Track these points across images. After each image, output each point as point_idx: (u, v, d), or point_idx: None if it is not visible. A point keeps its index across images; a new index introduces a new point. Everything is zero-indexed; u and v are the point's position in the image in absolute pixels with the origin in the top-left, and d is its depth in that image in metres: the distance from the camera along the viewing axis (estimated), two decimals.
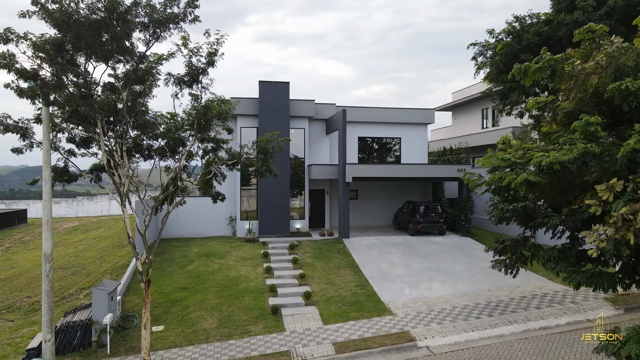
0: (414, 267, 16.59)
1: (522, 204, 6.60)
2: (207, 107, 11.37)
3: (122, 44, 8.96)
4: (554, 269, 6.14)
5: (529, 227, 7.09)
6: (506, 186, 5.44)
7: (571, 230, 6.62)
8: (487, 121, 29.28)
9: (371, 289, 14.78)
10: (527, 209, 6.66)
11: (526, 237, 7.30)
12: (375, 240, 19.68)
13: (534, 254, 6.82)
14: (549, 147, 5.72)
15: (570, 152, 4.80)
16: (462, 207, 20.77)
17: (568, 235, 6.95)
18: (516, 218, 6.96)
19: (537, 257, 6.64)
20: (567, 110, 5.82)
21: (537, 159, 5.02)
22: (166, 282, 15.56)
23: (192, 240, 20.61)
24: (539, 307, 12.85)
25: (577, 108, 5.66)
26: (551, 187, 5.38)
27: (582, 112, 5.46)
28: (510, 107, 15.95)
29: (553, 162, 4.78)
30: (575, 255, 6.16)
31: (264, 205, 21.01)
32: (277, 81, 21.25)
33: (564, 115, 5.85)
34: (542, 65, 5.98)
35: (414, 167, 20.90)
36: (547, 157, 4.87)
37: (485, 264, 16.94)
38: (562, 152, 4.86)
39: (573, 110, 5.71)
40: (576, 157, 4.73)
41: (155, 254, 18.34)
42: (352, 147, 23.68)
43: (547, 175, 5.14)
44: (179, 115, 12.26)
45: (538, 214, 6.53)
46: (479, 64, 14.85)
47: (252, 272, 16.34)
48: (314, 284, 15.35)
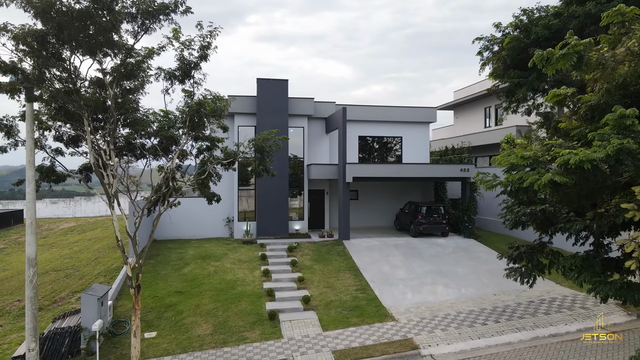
0: (417, 270, 16.07)
1: (541, 207, 5.99)
2: (201, 104, 10.85)
3: (108, 36, 8.43)
4: (577, 278, 5.58)
5: (546, 232, 6.50)
6: (525, 188, 4.88)
7: (596, 236, 6.05)
8: (489, 120, 28.75)
9: (372, 293, 14.26)
10: (546, 213, 6.06)
11: (543, 243, 6.73)
12: (376, 242, 19.16)
13: (552, 262, 6.26)
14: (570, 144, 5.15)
15: (602, 149, 4.25)
16: (466, 208, 20.24)
17: (591, 241, 6.37)
18: (534, 223, 6.37)
19: (556, 265, 6.08)
20: (592, 104, 5.26)
21: (564, 157, 4.46)
22: (160, 285, 15.05)
23: (188, 242, 20.09)
24: (547, 312, 12.32)
25: (603, 101, 5.10)
26: (577, 188, 4.82)
27: (609, 105, 4.91)
28: (516, 105, 15.42)
29: (583, 161, 4.23)
30: (600, 263, 5.58)
31: (262, 206, 20.49)
32: (275, 79, 20.73)
33: (588, 109, 5.29)
34: (567, 52, 5.35)
35: (416, 166, 20.37)
36: (576, 155, 4.31)
37: (490, 267, 16.44)
38: (593, 149, 4.32)
39: (598, 103, 5.15)
40: (610, 154, 4.18)
41: (149, 257, 17.83)
42: (352, 147, 23.15)
43: (573, 175, 4.59)
44: (172, 113, 11.75)
45: (559, 218, 5.94)
46: (485, 59, 14.31)
47: (249, 275, 15.82)
48: (313, 288, 14.84)
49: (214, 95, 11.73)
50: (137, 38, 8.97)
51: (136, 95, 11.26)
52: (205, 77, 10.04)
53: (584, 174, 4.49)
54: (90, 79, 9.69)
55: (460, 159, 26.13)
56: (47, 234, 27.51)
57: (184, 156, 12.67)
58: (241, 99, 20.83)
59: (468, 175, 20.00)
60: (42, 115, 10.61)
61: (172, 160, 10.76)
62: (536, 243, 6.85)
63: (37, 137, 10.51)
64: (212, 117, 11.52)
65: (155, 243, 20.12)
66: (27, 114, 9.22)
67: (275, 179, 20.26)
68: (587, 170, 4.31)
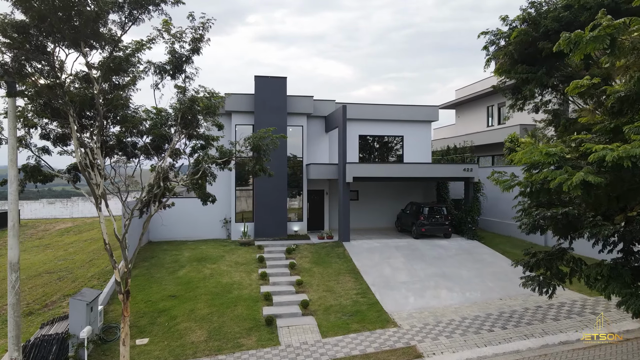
0: (419, 272, 15.56)
1: (563, 210, 5.42)
2: (194, 100, 10.35)
3: (93, 27, 7.92)
4: (604, 290, 5.03)
5: (566, 237, 5.94)
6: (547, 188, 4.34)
7: (627, 242, 5.49)
8: (492, 119, 28.26)
9: (373, 297, 13.75)
10: (569, 217, 5.48)
11: (563, 249, 6.17)
12: (377, 244, 18.65)
13: (574, 270, 5.71)
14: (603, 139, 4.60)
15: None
16: (469, 209, 19.72)
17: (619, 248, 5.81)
18: (554, 227, 5.80)
19: (578, 274, 5.53)
20: (621, 95, 4.72)
21: (598, 153, 3.90)
22: (154, 289, 14.54)
23: (184, 244, 19.59)
24: (556, 318, 11.81)
25: (633, 91, 4.57)
26: (609, 189, 4.28)
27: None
28: (522, 102, 14.92)
29: (622, 157, 3.69)
30: (630, 273, 5.02)
31: (260, 206, 19.99)
32: (273, 76, 20.23)
33: (616, 101, 4.76)
34: (599, 34, 4.73)
35: (418, 166, 19.87)
36: (613, 151, 3.77)
37: (494, 269, 15.93)
38: (635, 144, 3.78)
39: (628, 94, 4.62)
40: None
41: (144, 259, 17.33)
42: (352, 146, 22.65)
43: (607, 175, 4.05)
44: (164, 110, 11.24)
45: (584, 222, 5.38)
46: (491, 54, 13.78)
47: (246, 279, 15.31)
48: (312, 292, 14.33)
49: (209, 92, 11.24)
50: (124, 29, 8.45)
51: (127, 92, 10.76)
52: (198, 71, 9.53)
53: (621, 173, 3.97)
54: (76, 73, 9.18)
55: (463, 158, 25.64)
56: (42, 234, 27.01)
57: (177, 155, 12.18)
58: (238, 97, 20.33)
59: (471, 175, 19.49)
60: (28, 112, 10.11)
61: (164, 160, 10.24)
62: (555, 249, 6.28)
63: (22, 134, 10.00)
64: (206, 114, 11.02)
65: (150, 245, 19.62)
66: (9, 109, 8.71)
67: (273, 179, 19.75)
68: (626, 169, 3.78)
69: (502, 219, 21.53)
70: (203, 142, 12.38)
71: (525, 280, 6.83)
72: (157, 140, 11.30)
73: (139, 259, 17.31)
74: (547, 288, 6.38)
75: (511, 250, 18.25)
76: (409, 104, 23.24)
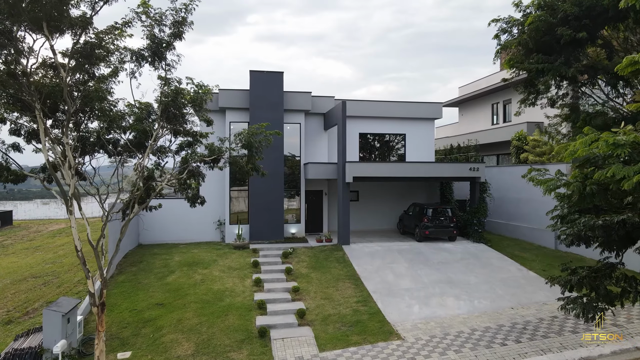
0: (423, 278, 14.60)
1: (620, 218, 4.38)
2: (178, 92, 9.41)
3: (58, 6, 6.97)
4: None
5: (620, 251, 4.95)
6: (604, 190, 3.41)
7: None
8: (497, 117, 27.31)
9: (375, 305, 12.80)
10: (626, 226, 4.45)
11: (611, 265, 5.17)
12: (378, 247, 17.69)
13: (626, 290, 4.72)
14: None
15: None
16: (475, 210, 18.76)
17: None
18: (606, 239, 4.74)
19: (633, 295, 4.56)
20: None
21: None
22: (140, 296, 13.58)
23: (176, 247, 18.63)
24: (574, 330, 10.85)
25: None
26: None
27: None
28: (535, 96, 13.95)
29: None
30: None
31: (256, 207, 19.03)
32: (270, 71, 19.27)
33: None
34: None
35: (421, 165, 18.90)
36: None
37: (503, 275, 14.97)
38: None
39: None
40: None
41: (132, 263, 16.37)
42: (352, 144, 21.69)
43: None
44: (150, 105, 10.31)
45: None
46: (503, 43, 12.79)
47: (239, 285, 14.36)
48: (309, 300, 13.38)
49: (197, 84, 10.31)
50: (95, 9, 7.51)
51: (108, 84, 9.83)
52: (180, 59, 8.57)
53: None
54: (43, 61, 8.23)
55: (467, 157, 24.69)
56: (34, 236, 26.08)
57: (161, 153, 11.25)
58: (232, 93, 19.38)
59: (478, 175, 18.53)
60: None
61: (144, 157, 9.29)
62: (601, 265, 5.28)
63: None
64: (192, 107, 10.07)
65: (140, 248, 18.68)
66: None
67: (269, 179, 18.80)
68: None
69: (509, 220, 20.58)
70: (191, 139, 11.46)
71: (565, 303, 5.80)
72: (139, 137, 10.37)
73: (126, 263, 16.37)
74: (594, 313, 5.32)
75: (520, 253, 17.30)
76: (411, 101, 22.27)
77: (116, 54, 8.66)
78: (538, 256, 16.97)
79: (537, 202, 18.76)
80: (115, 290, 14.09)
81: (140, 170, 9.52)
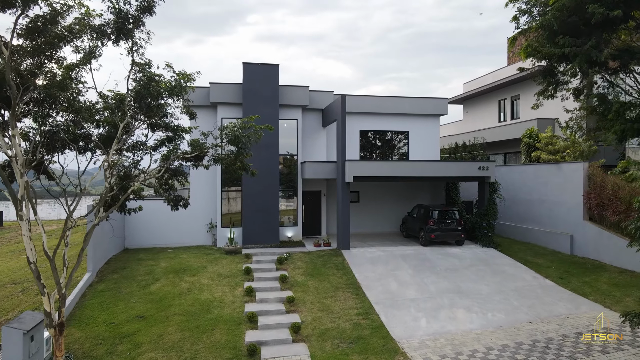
0: (430, 287, 13.37)
1: None
2: (152, 78, 8.18)
3: None
4: None
5: None
6: None
7: None
8: (504, 114, 26.07)
9: (378, 319, 11.57)
10: None
11: None
12: (380, 253, 16.45)
13: None
14: None
15: None
16: (484, 213, 17.50)
17: None
18: None
19: None
20: None
21: None
22: (120, 307, 12.35)
23: (164, 252, 17.40)
24: (604, 350, 9.59)
25: None
26: None
27: None
28: (555, 87, 12.68)
29: None
30: None
31: (249, 209, 17.79)
32: (264, 63, 18.03)
33: None
34: None
35: (427, 164, 17.67)
36: None
37: (518, 284, 13.74)
38: None
39: None
40: None
41: (114, 270, 15.15)
42: (352, 142, 20.47)
43: None
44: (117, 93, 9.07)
45: None
46: (522, 26, 11.50)
47: (229, 295, 13.13)
48: (305, 311, 12.15)
49: (178, 73, 9.10)
50: None
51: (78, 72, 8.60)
52: (150, 36, 7.33)
53: None
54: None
55: (473, 156, 23.45)
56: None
57: (137, 149, 10.02)
58: (224, 87, 18.16)
59: (487, 174, 17.29)
60: None
61: (109, 153, 8.06)
62: None
63: None
64: (169, 97, 8.85)
65: (125, 253, 17.45)
66: None
67: (264, 179, 17.58)
68: None
69: (519, 223, 19.34)
70: (171, 134, 10.23)
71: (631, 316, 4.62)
72: (110, 131, 9.14)
73: (108, 270, 15.15)
74: None
75: (533, 259, 16.05)
76: (414, 96, 21.03)
77: (80, 34, 7.44)
78: (553, 262, 15.73)
79: (551, 204, 17.54)
80: (93, 300, 12.87)
81: (108, 169, 8.28)
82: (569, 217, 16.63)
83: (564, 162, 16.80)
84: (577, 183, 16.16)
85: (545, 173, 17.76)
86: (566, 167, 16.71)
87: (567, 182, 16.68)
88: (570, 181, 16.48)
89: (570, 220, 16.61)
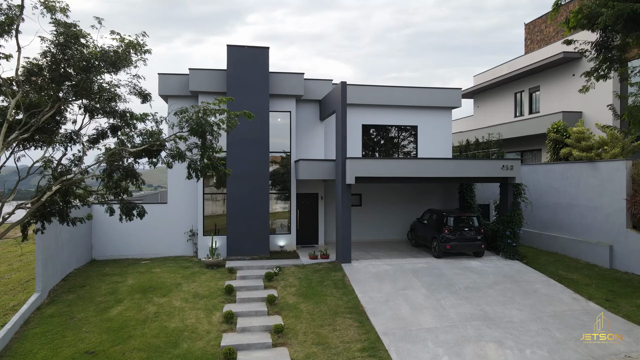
0: (450, 312, 10.97)
1: None
2: (76, 37, 5.79)
3: None
4: None
5: None
6: None
7: None
8: (522, 108, 23.64)
9: (387, 356, 9.16)
10: None
11: None
12: (387, 266, 14.03)
13: None
14: None
15: None
16: (508, 219, 15.06)
17: None
18: None
19: None
20: None
21: None
22: (67, 339, 9.94)
23: (135, 264, 15.00)
24: None
25: None
26: None
27: None
28: (609, 66, 10.33)
29: None
30: None
31: (234, 216, 15.37)
32: (251, 46, 15.63)
33: None
34: None
35: (441, 162, 15.27)
36: None
37: (556, 307, 11.32)
38: None
39: None
40: None
41: (70, 289, 12.74)
42: (354, 139, 18.09)
43: None
44: None
45: None
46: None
47: (204, 322, 10.73)
48: (296, 345, 9.75)
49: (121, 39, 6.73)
50: None
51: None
52: None
53: None
54: None
55: (487, 154, 21.02)
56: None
57: (69, 140, 7.62)
58: (206, 74, 15.78)
59: (511, 174, 14.85)
60: None
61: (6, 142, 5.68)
62: None
63: None
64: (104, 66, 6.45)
65: (90, 266, 15.04)
66: None
67: (252, 180, 15.16)
68: None
69: (544, 229, 16.92)
70: (118, 121, 7.82)
71: None
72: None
73: (63, 288, 12.74)
74: None
75: (567, 274, 13.63)
76: (423, 87, 18.64)
77: None
78: (592, 278, 13.29)
79: (584, 208, 15.12)
80: (37, 329, 10.45)
81: None
82: (608, 225, 14.20)
83: (602, 161, 14.38)
84: (619, 185, 13.75)
85: (577, 173, 15.34)
86: (604, 166, 14.29)
87: (605, 183, 14.27)
88: (610, 182, 14.07)
89: (608, 228, 14.19)
